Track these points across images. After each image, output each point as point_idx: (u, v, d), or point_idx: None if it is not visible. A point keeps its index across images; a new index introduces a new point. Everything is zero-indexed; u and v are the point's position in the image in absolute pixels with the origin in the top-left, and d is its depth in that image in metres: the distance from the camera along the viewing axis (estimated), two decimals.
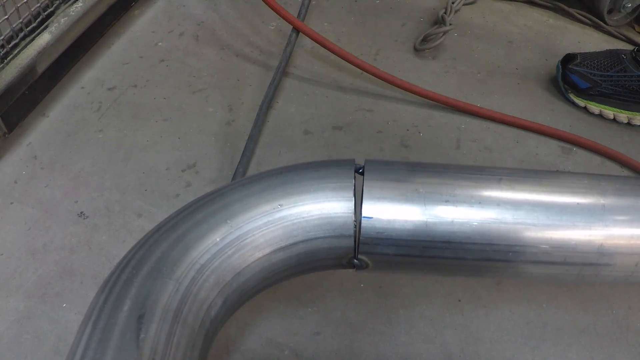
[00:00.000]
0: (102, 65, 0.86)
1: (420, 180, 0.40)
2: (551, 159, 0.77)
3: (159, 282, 0.36)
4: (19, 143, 0.74)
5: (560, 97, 0.86)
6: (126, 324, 0.33)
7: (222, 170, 0.72)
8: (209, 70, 0.86)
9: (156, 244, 0.38)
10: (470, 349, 0.57)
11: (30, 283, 0.60)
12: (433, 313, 0.59)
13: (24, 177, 0.70)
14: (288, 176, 0.41)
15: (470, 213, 0.39)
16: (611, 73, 0.81)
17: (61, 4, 0.80)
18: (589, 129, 0.82)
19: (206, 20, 0.96)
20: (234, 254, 0.38)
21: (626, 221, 0.41)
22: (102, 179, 0.70)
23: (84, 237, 0.64)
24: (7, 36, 0.71)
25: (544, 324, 0.59)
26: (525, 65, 0.91)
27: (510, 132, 0.80)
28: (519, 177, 0.42)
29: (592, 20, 1.01)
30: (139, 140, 0.75)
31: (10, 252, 0.62)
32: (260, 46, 0.92)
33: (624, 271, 0.42)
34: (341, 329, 0.57)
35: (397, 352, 0.56)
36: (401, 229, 0.39)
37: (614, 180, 0.43)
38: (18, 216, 0.65)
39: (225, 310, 0.40)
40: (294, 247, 0.40)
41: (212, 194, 0.41)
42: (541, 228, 0.39)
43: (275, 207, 0.39)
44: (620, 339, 0.58)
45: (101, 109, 0.79)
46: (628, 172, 0.76)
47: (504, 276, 0.42)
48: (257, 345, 0.56)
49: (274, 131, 0.78)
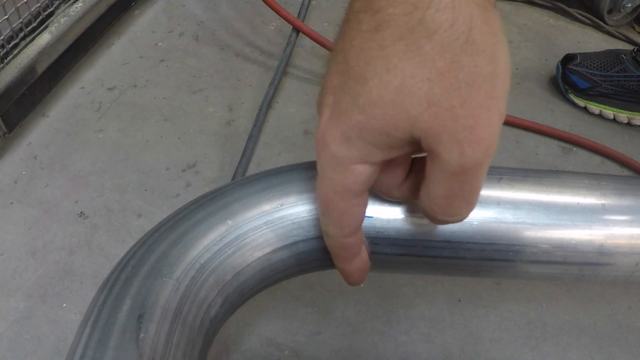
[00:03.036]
0: (102, 65, 0.86)
1: None
2: (551, 159, 0.77)
3: (159, 282, 0.36)
4: (19, 143, 0.74)
5: (560, 97, 0.86)
6: (126, 323, 0.33)
7: (222, 170, 0.72)
8: (209, 70, 0.86)
9: (156, 243, 0.38)
10: (470, 349, 0.57)
11: (30, 283, 0.59)
12: (433, 313, 0.59)
13: (24, 177, 0.70)
14: (288, 176, 0.41)
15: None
16: (611, 73, 0.81)
17: (61, 4, 0.80)
18: (589, 129, 0.82)
19: (206, 20, 0.96)
20: (234, 254, 0.38)
21: (626, 221, 0.41)
22: (102, 179, 0.70)
23: (84, 237, 0.64)
24: (7, 36, 0.71)
25: (544, 324, 0.59)
26: (525, 65, 0.91)
27: (510, 132, 0.80)
28: (519, 176, 0.42)
29: (592, 20, 1.01)
30: (139, 140, 0.75)
31: (10, 252, 0.62)
32: (260, 46, 0.92)
33: (624, 271, 0.42)
34: (341, 329, 0.57)
35: (397, 352, 0.56)
36: (401, 229, 0.39)
37: (614, 180, 0.43)
38: (18, 216, 0.65)
39: (225, 310, 0.40)
40: (294, 246, 0.40)
41: (212, 194, 0.41)
42: (541, 227, 0.39)
43: (275, 206, 0.39)
44: (620, 339, 0.58)
45: (101, 109, 0.79)
46: (628, 172, 0.76)
47: (504, 276, 0.42)
48: (257, 345, 0.56)
49: (274, 131, 0.78)
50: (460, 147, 0.26)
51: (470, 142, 0.26)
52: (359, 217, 0.32)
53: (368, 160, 0.28)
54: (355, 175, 0.29)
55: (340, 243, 0.33)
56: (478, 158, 0.26)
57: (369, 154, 0.28)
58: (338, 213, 0.31)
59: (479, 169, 0.27)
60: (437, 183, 0.28)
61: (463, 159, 0.26)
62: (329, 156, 0.29)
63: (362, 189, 0.30)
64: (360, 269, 0.36)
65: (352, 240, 0.33)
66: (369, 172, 0.29)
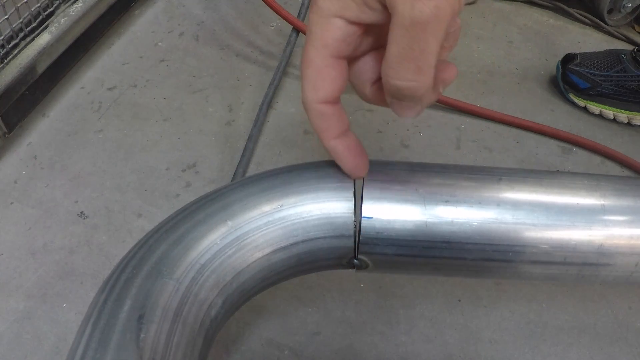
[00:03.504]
0: (102, 65, 0.86)
1: (420, 180, 0.40)
2: (551, 159, 0.77)
3: (159, 282, 0.36)
4: (19, 143, 0.74)
5: (560, 97, 0.86)
6: (126, 323, 0.33)
7: (222, 170, 0.72)
8: (209, 70, 0.86)
9: (156, 244, 0.38)
10: (470, 349, 0.57)
11: (30, 283, 0.60)
12: (433, 313, 0.59)
13: (24, 177, 0.70)
14: (288, 176, 0.41)
15: (470, 213, 0.39)
16: (611, 73, 0.81)
17: (61, 4, 0.80)
18: (589, 129, 0.82)
19: (206, 20, 0.96)
20: (234, 254, 0.38)
21: (626, 221, 0.41)
22: (102, 179, 0.70)
23: (84, 237, 0.64)
24: (7, 36, 0.71)
25: (544, 324, 0.59)
26: (525, 65, 0.91)
27: (510, 132, 0.80)
28: (519, 177, 0.42)
29: (592, 20, 1.01)
30: (139, 140, 0.75)
31: (10, 252, 0.62)
32: (260, 46, 0.92)
33: (624, 271, 0.42)
34: (341, 329, 0.57)
35: (397, 352, 0.56)
36: (401, 229, 0.39)
37: (614, 180, 0.43)
38: (18, 216, 0.65)
39: (226, 310, 0.40)
40: (294, 247, 0.40)
41: (212, 194, 0.41)
42: (541, 228, 0.39)
43: (275, 207, 0.39)
44: (620, 339, 0.58)
45: (101, 109, 0.79)
46: (628, 172, 0.76)
47: (504, 276, 0.42)
48: (257, 345, 0.56)
49: (274, 131, 0.78)
50: (412, 1, 0.29)
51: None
52: (334, 82, 0.35)
53: (345, 15, 0.32)
54: (334, 29, 0.33)
55: (316, 110, 0.36)
56: (427, 14, 0.29)
57: (345, 6, 0.32)
58: (314, 70, 0.34)
59: (428, 28, 0.30)
60: (391, 41, 0.31)
61: (413, 12, 0.29)
62: (315, 10, 0.33)
63: (338, 47, 0.34)
64: (351, 147, 0.38)
65: (329, 110, 0.36)
66: (344, 29, 0.33)
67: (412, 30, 0.29)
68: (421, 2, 0.29)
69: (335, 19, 0.32)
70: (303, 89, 0.35)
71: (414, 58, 0.31)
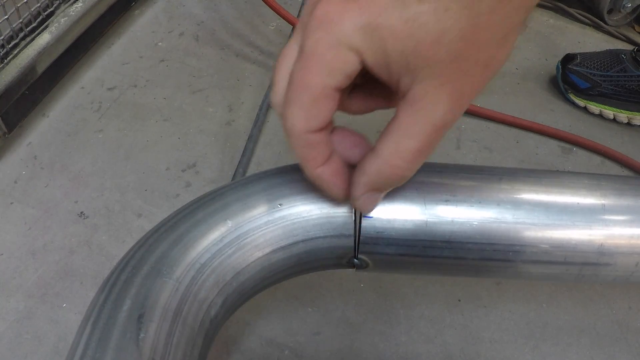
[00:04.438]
0: (102, 65, 0.86)
1: (420, 179, 0.40)
2: (551, 159, 0.77)
3: (159, 282, 0.36)
4: (19, 143, 0.74)
5: (560, 97, 0.86)
6: (126, 323, 0.33)
7: (222, 170, 0.72)
8: (209, 70, 0.86)
9: (156, 243, 0.38)
10: (470, 349, 0.57)
11: (30, 283, 0.59)
12: (433, 313, 0.59)
13: (24, 177, 0.70)
14: (288, 176, 0.41)
15: (470, 212, 0.39)
16: (611, 73, 0.81)
17: (61, 4, 0.80)
18: (589, 129, 0.82)
19: (206, 20, 0.96)
20: (233, 254, 0.38)
21: (626, 221, 0.41)
22: (102, 179, 0.70)
23: (84, 237, 0.64)
24: (7, 36, 0.71)
25: (544, 324, 0.59)
26: (525, 65, 0.91)
27: (510, 132, 0.80)
28: (519, 176, 0.42)
29: (592, 20, 1.01)
30: (139, 140, 0.75)
31: (10, 252, 0.62)
32: (260, 46, 0.92)
33: (624, 271, 0.42)
34: (341, 329, 0.57)
35: (397, 352, 0.56)
36: (401, 229, 0.39)
37: (614, 180, 0.43)
38: (18, 216, 0.65)
39: (225, 310, 0.40)
40: (294, 246, 0.40)
41: (212, 194, 0.41)
42: (541, 227, 0.39)
43: (275, 206, 0.39)
44: (620, 339, 0.58)
45: (101, 109, 0.79)
46: (628, 172, 0.76)
47: (504, 276, 0.42)
48: (257, 345, 0.56)
49: (274, 131, 0.78)
50: (444, 104, 0.28)
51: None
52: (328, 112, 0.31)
53: (363, 56, 0.28)
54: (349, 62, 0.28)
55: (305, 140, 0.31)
56: (457, 116, 0.29)
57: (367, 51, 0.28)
58: (310, 98, 0.30)
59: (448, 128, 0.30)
60: (411, 137, 0.30)
61: (445, 116, 0.29)
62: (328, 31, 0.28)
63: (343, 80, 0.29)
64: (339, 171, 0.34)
65: (318, 138, 0.32)
66: (355, 68, 0.29)
67: (441, 130, 0.29)
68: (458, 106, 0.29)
69: (352, 53, 0.28)
70: (291, 116, 0.30)
71: (428, 154, 0.31)
